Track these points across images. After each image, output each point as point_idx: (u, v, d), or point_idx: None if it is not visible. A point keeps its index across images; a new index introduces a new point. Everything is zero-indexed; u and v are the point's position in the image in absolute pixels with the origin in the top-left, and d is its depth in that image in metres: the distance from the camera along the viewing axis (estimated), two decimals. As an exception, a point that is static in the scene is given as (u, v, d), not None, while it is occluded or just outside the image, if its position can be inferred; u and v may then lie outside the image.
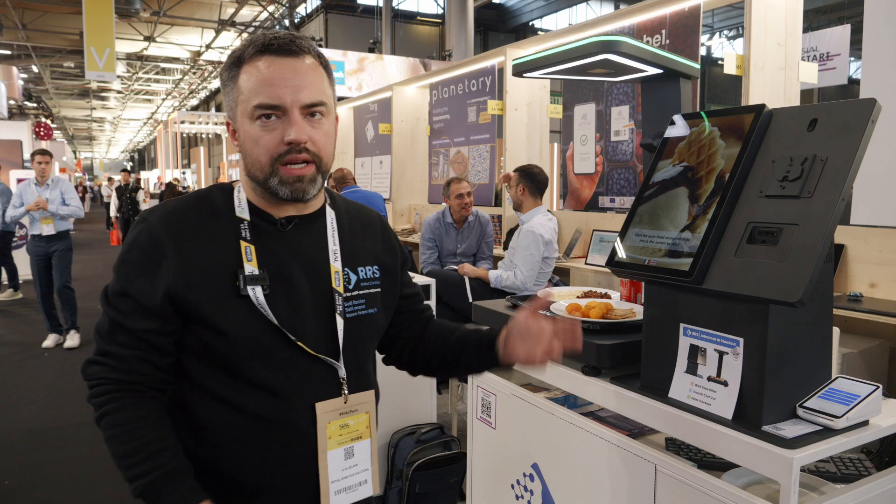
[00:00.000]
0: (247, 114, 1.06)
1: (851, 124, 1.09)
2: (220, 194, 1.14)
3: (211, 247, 1.07)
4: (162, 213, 1.09)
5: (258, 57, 1.06)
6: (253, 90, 1.05)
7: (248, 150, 1.08)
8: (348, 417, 1.13)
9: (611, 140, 4.35)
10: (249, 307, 1.05)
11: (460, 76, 5.98)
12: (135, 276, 1.05)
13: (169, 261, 1.04)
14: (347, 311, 1.14)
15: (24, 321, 7.26)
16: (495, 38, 20.74)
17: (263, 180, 1.07)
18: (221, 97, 11.01)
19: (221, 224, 1.09)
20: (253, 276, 1.06)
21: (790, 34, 3.13)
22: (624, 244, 1.36)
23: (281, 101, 1.04)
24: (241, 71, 1.07)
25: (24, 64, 21.41)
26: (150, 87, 28.21)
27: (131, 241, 1.08)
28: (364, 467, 1.15)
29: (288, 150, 1.05)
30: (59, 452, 3.73)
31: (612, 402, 1.37)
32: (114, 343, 1.06)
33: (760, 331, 1.10)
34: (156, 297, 1.04)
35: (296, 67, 1.06)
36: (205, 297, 1.04)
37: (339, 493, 1.11)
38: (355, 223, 1.24)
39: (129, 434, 1.03)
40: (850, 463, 1.37)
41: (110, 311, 1.07)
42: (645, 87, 1.73)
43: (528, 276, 3.65)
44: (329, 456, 1.10)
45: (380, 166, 7.57)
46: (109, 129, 42.79)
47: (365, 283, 1.19)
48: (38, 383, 5.04)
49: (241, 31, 20.13)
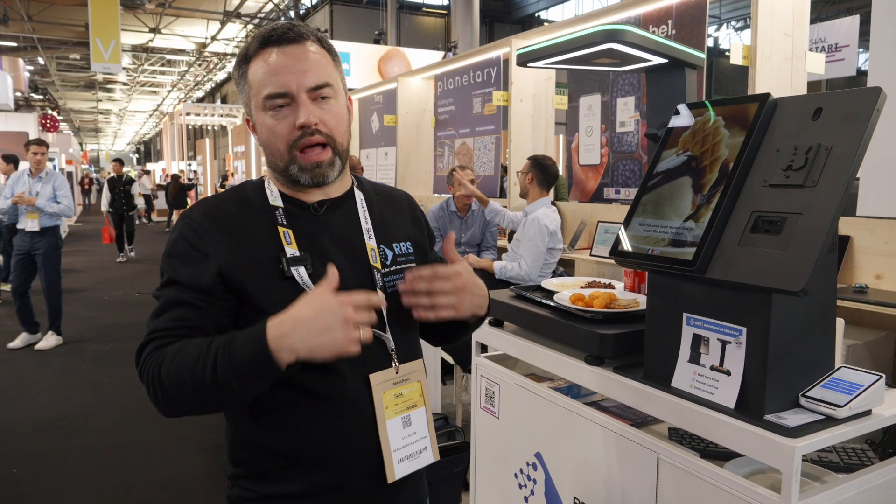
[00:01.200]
0: (259, 106, 1.10)
1: (856, 113, 1.08)
2: (252, 188, 1.17)
3: (252, 235, 1.10)
4: (201, 208, 1.13)
5: (262, 50, 1.10)
6: (261, 82, 1.09)
7: (267, 141, 1.11)
8: (401, 387, 1.15)
9: (616, 131, 4.34)
10: (295, 288, 1.07)
11: (465, 67, 5.96)
12: (181, 266, 1.07)
13: (217, 246, 1.07)
14: (388, 285, 1.17)
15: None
16: (501, 29, 20.65)
17: (284, 168, 1.11)
18: (227, 89, 11.11)
19: (257, 213, 1.12)
20: (295, 258, 1.08)
21: (797, 24, 3.11)
22: (628, 234, 1.36)
23: (287, 87, 1.07)
24: (249, 67, 1.11)
25: (30, 56, 21.44)
26: (156, 78, 28.22)
27: (176, 238, 1.10)
28: (423, 434, 1.17)
29: (301, 135, 1.08)
30: (65, 442, 3.76)
31: (615, 391, 1.38)
32: (164, 319, 1.05)
33: (763, 320, 1.10)
34: (206, 278, 1.05)
35: (297, 53, 1.09)
36: (253, 280, 1.06)
37: (403, 461, 1.14)
38: (384, 202, 1.27)
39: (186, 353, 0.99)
40: (852, 452, 1.37)
41: (160, 296, 1.08)
42: (650, 77, 1.73)
43: (532, 267, 3.65)
44: (388, 425, 1.12)
45: (385, 158, 7.57)
46: (115, 120, 42.87)
47: (401, 258, 1.22)
48: (45, 373, 5.08)
49: (247, 22, 20.10)
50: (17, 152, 10.34)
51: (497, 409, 1.79)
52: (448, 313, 1.10)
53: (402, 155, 6.85)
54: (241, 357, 0.95)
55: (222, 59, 24.65)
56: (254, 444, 1.12)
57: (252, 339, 0.96)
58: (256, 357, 0.95)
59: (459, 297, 1.11)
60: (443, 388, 3.94)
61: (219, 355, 0.96)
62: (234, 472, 1.16)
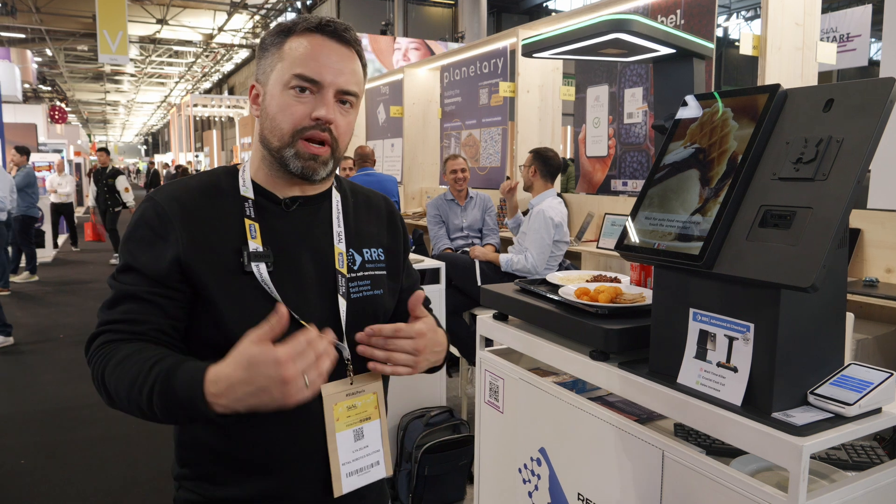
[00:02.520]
0: (282, 81, 1.07)
1: (869, 105, 1.06)
2: (225, 175, 1.14)
3: (216, 224, 1.07)
4: (168, 191, 1.10)
5: (311, 33, 1.08)
6: (297, 60, 1.06)
7: (272, 115, 1.08)
8: (355, 398, 1.12)
9: (623, 122, 4.30)
10: (253, 284, 1.05)
11: (472, 58, 5.92)
12: (140, 252, 1.05)
13: (177, 233, 1.04)
14: (352, 292, 1.14)
15: (39, 303, 7.35)
16: (508, 19, 20.53)
17: (278, 149, 1.08)
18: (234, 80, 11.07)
19: (226, 203, 1.10)
20: (257, 253, 1.06)
21: (808, 14, 3.06)
22: (634, 227, 1.33)
23: (322, 77, 1.06)
24: (288, 39, 1.08)
25: (38, 47, 21.49)
26: (163, 70, 28.24)
27: (137, 219, 1.08)
28: (375, 448, 1.14)
29: (313, 126, 1.07)
30: (72, 433, 3.79)
31: (620, 387, 1.36)
32: (116, 311, 1.04)
33: (771, 316, 1.08)
34: (162, 265, 1.03)
35: (342, 54, 1.09)
36: (210, 271, 1.04)
37: (351, 475, 1.11)
38: (360, 206, 1.25)
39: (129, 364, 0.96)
40: (861, 451, 1.34)
41: (115, 285, 1.06)
42: (657, 68, 1.70)
43: (539, 260, 3.63)
44: (338, 438, 1.09)
45: (391, 149, 7.54)
46: (123, 112, 42.98)
47: (370, 264, 1.19)
48: (52, 365, 5.11)
49: (253, 13, 20.06)
50: (27, 144, 10.41)
51: (501, 403, 1.78)
52: (404, 371, 1.08)
53: (408, 146, 6.83)
54: (177, 397, 0.92)
55: (229, 51, 24.63)
56: (200, 445, 1.09)
57: (190, 384, 0.91)
58: (191, 402, 0.91)
59: (417, 357, 1.08)
60: (448, 380, 3.93)
61: (156, 386, 0.93)
62: (180, 473, 1.14)
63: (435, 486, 2.80)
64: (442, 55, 6.61)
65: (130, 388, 0.95)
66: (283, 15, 20.45)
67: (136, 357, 0.97)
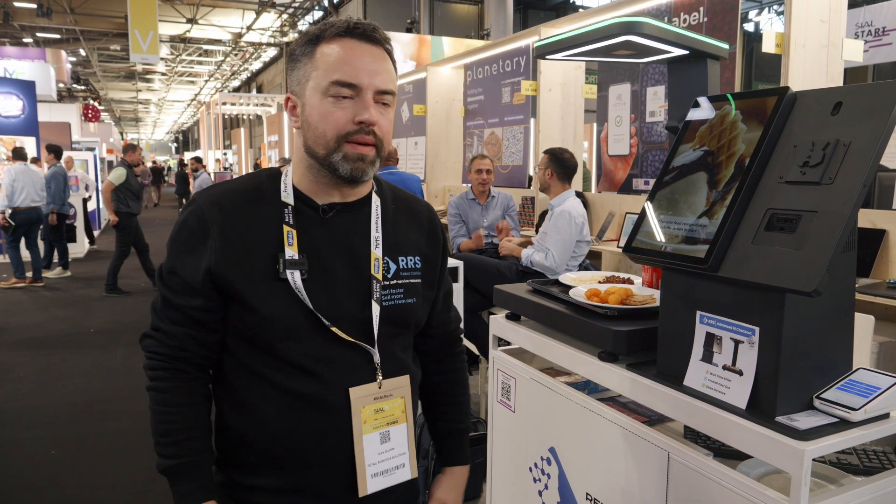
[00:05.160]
0: (320, 89, 1.08)
1: (877, 108, 1.05)
2: (268, 178, 1.16)
3: (255, 229, 1.10)
4: (211, 194, 1.13)
5: (340, 38, 1.09)
6: (332, 66, 1.07)
7: (314, 124, 1.09)
8: (383, 402, 1.14)
9: (645, 121, 4.27)
10: (287, 290, 1.08)
11: (495, 56, 5.93)
12: (184, 254, 1.10)
13: (213, 240, 1.08)
14: (384, 298, 1.16)
15: (72, 298, 7.54)
16: (535, 16, 20.40)
17: (325, 156, 1.09)
18: (262, 79, 11.18)
19: (267, 207, 1.12)
20: (293, 261, 1.08)
21: (834, 10, 3.01)
22: (641, 230, 1.34)
23: (359, 80, 1.07)
24: (319, 47, 1.09)
25: (72, 48, 21.97)
26: (193, 68, 28.68)
27: (182, 222, 1.12)
28: (401, 451, 1.16)
29: (357, 130, 1.08)
30: (101, 425, 3.89)
31: (628, 388, 1.36)
32: (165, 319, 1.12)
33: (776, 320, 1.08)
34: (198, 275, 1.08)
35: (374, 54, 1.10)
36: (244, 277, 1.07)
37: (376, 476, 1.13)
38: (400, 212, 1.25)
39: (169, 416, 1.11)
40: (873, 455, 1.33)
41: (162, 289, 1.13)
42: (671, 69, 1.69)
43: (560, 260, 3.62)
44: (365, 440, 1.12)
45: (415, 148, 7.58)
46: (154, 110, 43.73)
47: (405, 272, 1.20)
48: (83, 358, 5.24)
49: (281, 11, 20.26)
50: (61, 142, 10.64)
51: (513, 402, 1.79)
52: None
53: (431, 145, 6.85)
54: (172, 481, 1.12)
55: (258, 49, 24.92)
56: (232, 433, 1.14)
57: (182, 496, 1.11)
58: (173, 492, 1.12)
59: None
60: (469, 378, 3.94)
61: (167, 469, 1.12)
62: (218, 458, 1.18)
63: (451, 483, 2.82)
64: (465, 53, 6.61)
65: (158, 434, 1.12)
66: (311, 14, 20.62)
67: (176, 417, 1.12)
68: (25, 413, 4.07)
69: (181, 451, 1.11)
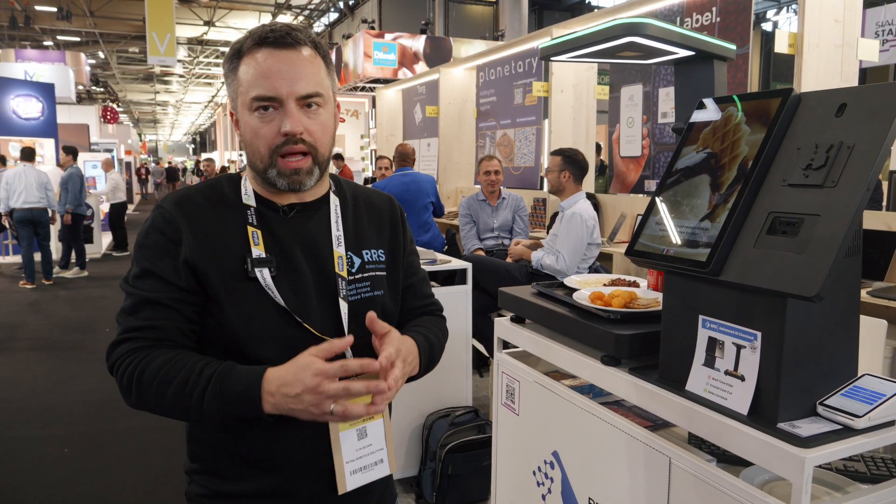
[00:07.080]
0: (246, 105, 1.09)
1: (880, 110, 1.03)
2: (228, 183, 1.17)
3: (221, 231, 1.10)
4: (174, 199, 1.13)
5: (256, 49, 1.08)
6: (251, 82, 1.07)
7: (249, 141, 1.11)
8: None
9: (658, 122, 4.24)
10: (257, 289, 1.08)
11: (507, 57, 5.92)
12: (156, 257, 1.08)
13: (186, 237, 1.08)
14: (351, 294, 1.16)
15: (87, 298, 7.62)
16: (550, 17, 20.32)
17: (263, 171, 1.11)
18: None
19: (229, 211, 1.13)
20: (260, 259, 1.09)
21: (848, 9, 2.97)
22: (644, 233, 1.32)
23: (277, 92, 1.06)
24: (240, 63, 1.09)
25: (91, 50, 22.25)
26: (210, 70, 28.90)
27: (148, 227, 1.11)
28: (378, 447, 1.16)
29: (285, 142, 1.07)
30: (114, 424, 3.92)
31: (630, 392, 1.35)
32: (139, 318, 1.07)
33: (778, 325, 1.06)
34: (179, 269, 1.07)
35: (292, 59, 1.07)
36: (217, 275, 1.08)
37: (355, 473, 1.13)
38: (360, 208, 1.26)
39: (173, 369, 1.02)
40: (881, 463, 1.31)
41: (134, 291, 1.08)
42: (678, 70, 1.68)
43: (571, 262, 3.61)
44: (342, 437, 1.12)
45: (427, 149, 7.58)
46: (172, 112, 44.15)
47: (370, 265, 1.21)
48: (97, 358, 5.29)
49: (297, 13, 20.38)
50: (79, 143, 10.78)
51: (517, 405, 1.78)
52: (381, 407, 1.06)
53: (443, 146, 6.85)
54: (232, 393, 1.00)
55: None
56: (209, 441, 1.13)
57: (247, 380, 1.00)
58: (245, 399, 0.99)
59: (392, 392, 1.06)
60: (476, 380, 3.94)
61: (210, 385, 1.00)
62: (191, 468, 1.18)
63: (459, 485, 2.82)
64: (478, 55, 6.60)
65: (180, 389, 1.01)
66: (326, 15, 20.70)
67: (180, 361, 1.03)
68: (40, 411, 4.12)
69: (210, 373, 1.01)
